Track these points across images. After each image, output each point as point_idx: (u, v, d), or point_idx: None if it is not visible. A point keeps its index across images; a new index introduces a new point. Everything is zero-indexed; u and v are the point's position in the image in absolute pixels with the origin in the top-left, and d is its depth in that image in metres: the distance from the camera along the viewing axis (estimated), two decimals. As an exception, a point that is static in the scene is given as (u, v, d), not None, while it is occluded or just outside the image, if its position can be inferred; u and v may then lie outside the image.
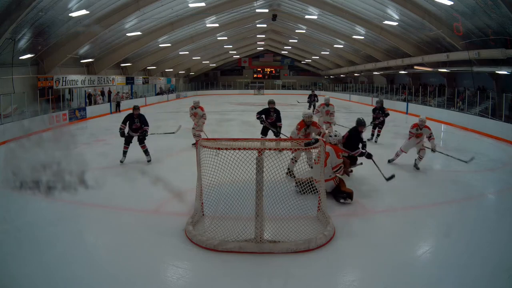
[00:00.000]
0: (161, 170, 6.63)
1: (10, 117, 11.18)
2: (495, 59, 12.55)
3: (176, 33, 20.12)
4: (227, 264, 3.40)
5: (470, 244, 3.83)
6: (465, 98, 14.87)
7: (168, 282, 3.14)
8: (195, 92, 38.42)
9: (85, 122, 15.41)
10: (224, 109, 20.51)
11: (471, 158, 6.64)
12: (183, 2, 15.83)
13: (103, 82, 20.46)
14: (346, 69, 30.04)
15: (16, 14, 10.10)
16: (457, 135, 11.68)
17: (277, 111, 8.15)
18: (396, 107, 19.78)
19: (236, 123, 14.02)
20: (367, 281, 3.20)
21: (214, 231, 3.84)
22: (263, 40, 32.89)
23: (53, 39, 13.66)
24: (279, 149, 4.29)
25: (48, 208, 4.57)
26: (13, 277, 3.15)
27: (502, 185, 6.13)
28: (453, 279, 3.15)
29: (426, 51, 17.14)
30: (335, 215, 4.29)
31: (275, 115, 8.06)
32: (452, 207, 4.97)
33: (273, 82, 42.24)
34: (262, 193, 3.68)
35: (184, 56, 26.93)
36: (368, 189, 5.51)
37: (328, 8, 17.11)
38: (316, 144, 4.15)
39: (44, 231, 4.08)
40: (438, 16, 13.36)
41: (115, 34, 16.69)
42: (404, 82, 22.88)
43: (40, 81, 14.59)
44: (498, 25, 11.35)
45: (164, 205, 4.30)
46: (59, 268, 3.28)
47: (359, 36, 20.22)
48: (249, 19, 23.16)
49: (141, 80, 26.43)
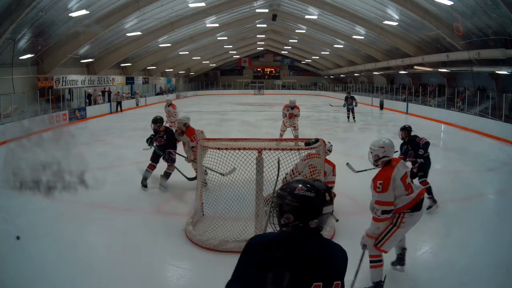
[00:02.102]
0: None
1: (10, 117, 11.18)
2: (495, 59, 12.54)
3: (176, 33, 20.11)
4: (227, 264, 3.38)
5: (470, 244, 3.83)
6: (465, 98, 14.88)
7: (168, 282, 3.14)
8: (195, 92, 38.44)
9: (85, 122, 15.41)
10: (224, 109, 20.52)
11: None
12: (183, 2, 15.83)
13: (103, 82, 20.46)
14: (346, 69, 30.04)
15: (16, 14, 10.10)
16: (457, 135, 11.69)
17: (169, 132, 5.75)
18: (396, 107, 19.80)
19: (236, 123, 14.03)
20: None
21: (214, 231, 3.84)
22: (263, 40, 32.89)
23: (53, 39, 13.66)
24: (279, 149, 4.29)
25: (48, 208, 4.57)
26: (13, 277, 3.15)
27: (502, 185, 6.13)
28: (453, 279, 3.15)
29: (426, 51, 17.14)
30: (335, 215, 4.27)
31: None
32: (452, 207, 4.96)
33: (273, 82, 42.25)
34: (262, 193, 3.68)
35: (184, 56, 26.93)
36: (368, 189, 5.49)
37: (328, 8, 17.10)
38: (316, 144, 4.15)
39: (44, 231, 4.08)
40: (438, 16, 13.36)
41: (115, 34, 16.69)
42: (404, 82, 22.88)
43: (40, 81, 14.59)
44: (498, 25, 11.35)
45: (164, 205, 4.30)
46: (59, 268, 3.28)
47: (359, 36, 20.22)
48: (249, 19, 23.16)
49: (141, 80, 26.44)
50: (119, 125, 14.14)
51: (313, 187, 1.18)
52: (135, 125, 13.51)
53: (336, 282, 1.14)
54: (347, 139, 8.99)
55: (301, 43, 29.24)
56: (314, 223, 1.17)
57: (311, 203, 1.16)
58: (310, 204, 1.16)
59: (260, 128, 12.61)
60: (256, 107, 22.20)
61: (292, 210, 1.16)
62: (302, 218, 1.16)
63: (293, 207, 1.16)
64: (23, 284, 3.08)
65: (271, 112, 18.75)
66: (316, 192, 1.17)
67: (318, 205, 1.17)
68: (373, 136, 10.12)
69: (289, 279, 1.06)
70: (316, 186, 1.19)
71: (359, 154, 8.24)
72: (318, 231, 1.18)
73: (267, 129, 12.28)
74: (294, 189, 1.18)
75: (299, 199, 1.16)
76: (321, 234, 1.20)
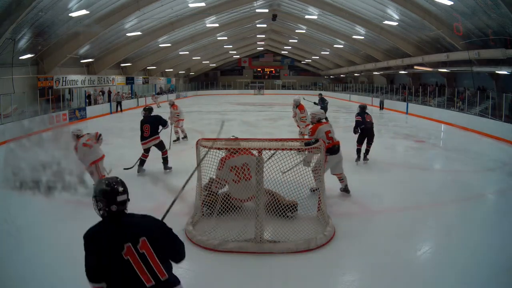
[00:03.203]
0: (161, 170, 6.62)
1: (10, 117, 11.17)
2: (495, 59, 12.55)
3: (176, 33, 20.12)
4: (227, 264, 3.40)
5: (470, 244, 3.83)
6: (465, 98, 14.88)
7: (168, 282, 3.14)
8: (195, 92, 38.45)
9: (85, 122, 15.40)
10: (224, 109, 20.52)
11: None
12: (183, 2, 15.83)
13: (103, 82, 20.46)
14: (346, 69, 30.05)
15: (16, 14, 10.10)
16: (457, 135, 11.69)
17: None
18: (396, 107, 19.80)
19: (236, 123, 14.02)
20: (367, 281, 3.20)
21: (214, 231, 3.84)
22: (263, 40, 32.91)
23: (53, 39, 13.67)
24: (279, 149, 4.28)
25: (48, 208, 4.56)
26: (13, 277, 3.15)
27: (502, 185, 6.13)
28: (453, 279, 3.15)
29: (426, 51, 17.14)
30: (335, 215, 4.28)
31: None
32: (452, 207, 4.96)
33: (273, 82, 42.26)
34: (262, 193, 3.68)
35: (184, 56, 26.93)
36: (368, 189, 5.51)
37: (328, 8, 17.11)
38: (316, 144, 4.15)
39: (44, 231, 4.08)
40: (438, 16, 13.36)
41: (115, 34, 16.69)
42: (404, 82, 22.89)
43: (40, 81, 14.59)
44: (498, 25, 11.35)
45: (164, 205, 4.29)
46: (59, 268, 3.28)
47: (359, 36, 20.22)
48: (249, 19, 23.17)
49: (141, 80, 26.44)
50: (119, 125, 14.13)
51: (109, 184, 1.74)
52: (135, 125, 13.47)
53: (141, 238, 1.69)
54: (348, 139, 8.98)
55: (301, 43, 29.24)
56: (114, 208, 1.71)
57: (107, 194, 1.71)
58: (106, 195, 1.71)
59: (260, 128, 12.62)
60: (256, 107, 22.20)
61: (101, 200, 1.71)
62: (105, 205, 1.71)
63: (100, 199, 1.72)
64: (23, 284, 3.08)
65: (271, 112, 18.75)
66: (111, 186, 1.73)
67: (113, 195, 1.71)
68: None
69: (106, 243, 1.67)
70: (111, 183, 1.75)
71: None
72: (120, 212, 1.74)
73: (267, 129, 12.29)
74: (99, 186, 1.75)
75: (100, 192, 1.72)
76: (124, 212, 1.76)
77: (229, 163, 4.18)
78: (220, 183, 4.22)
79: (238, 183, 4.12)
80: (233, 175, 4.13)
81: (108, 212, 1.72)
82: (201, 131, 11.15)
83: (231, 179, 4.16)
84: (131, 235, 1.69)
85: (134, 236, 1.69)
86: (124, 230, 1.71)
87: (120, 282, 1.66)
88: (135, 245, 1.67)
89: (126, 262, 1.65)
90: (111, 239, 1.67)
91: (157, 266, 1.70)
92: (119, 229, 1.71)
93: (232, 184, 4.18)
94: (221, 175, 4.17)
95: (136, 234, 1.70)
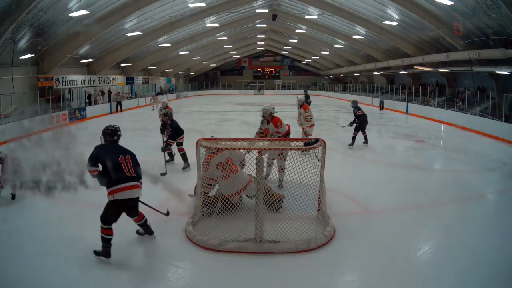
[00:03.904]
0: (161, 170, 6.62)
1: (10, 117, 11.17)
2: (495, 59, 12.54)
3: (176, 33, 20.11)
4: (227, 264, 3.40)
5: (470, 244, 3.83)
6: (465, 98, 14.87)
7: (168, 282, 3.14)
8: (195, 92, 38.45)
9: (85, 122, 15.40)
10: (224, 109, 20.52)
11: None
12: (183, 2, 15.83)
13: (103, 82, 20.45)
14: (346, 69, 30.04)
15: (16, 14, 10.09)
16: (457, 135, 11.69)
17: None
18: (396, 107, 19.81)
19: (236, 123, 14.03)
20: (367, 281, 3.20)
21: (214, 231, 3.85)
22: (263, 40, 32.90)
23: (53, 39, 13.66)
24: (279, 149, 4.29)
25: (48, 208, 4.57)
26: (13, 277, 3.15)
27: (502, 185, 6.13)
28: (453, 279, 3.15)
29: (426, 51, 17.14)
30: (335, 215, 4.28)
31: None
32: (452, 207, 4.96)
33: (273, 82, 42.26)
34: (262, 193, 3.68)
35: (184, 56, 26.93)
36: (368, 189, 5.51)
37: (328, 8, 17.10)
38: (316, 144, 4.15)
39: (44, 231, 4.09)
40: (438, 16, 13.36)
41: (115, 34, 16.68)
42: (404, 82, 22.88)
43: (40, 81, 14.59)
44: (498, 25, 11.35)
45: (164, 205, 4.30)
46: (59, 268, 3.29)
47: (359, 36, 20.22)
48: (249, 19, 23.16)
49: (141, 80, 26.43)
50: (119, 125, 14.09)
51: (113, 126, 3.65)
52: (135, 125, 13.51)
53: (127, 155, 3.50)
54: (347, 139, 8.99)
55: (301, 43, 29.24)
56: (115, 138, 3.59)
57: (109, 132, 3.58)
58: (108, 132, 3.58)
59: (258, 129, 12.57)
60: (256, 107, 22.16)
61: (108, 134, 3.58)
62: (110, 136, 3.57)
63: (107, 133, 3.58)
64: (23, 284, 3.08)
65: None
66: (114, 128, 3.63)
67: (114, 133, 3.58)
68: (373, 136, 10.14)
69: (110, 153, 3.44)
70: (110, 128, 3.61)
71: (359, 154, 8.27)
72: (116, 141, 3.59)
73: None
74: (108, 127, 3.62)
75: (105, 131, 3.60)
76: (117, 140, 3.58)
77: (214, 161, 4.25)
78: (209, 184, 4.27)
79: (227, 179, 4.17)
80: (220, 172, 4.20)
81: (109, 141, 3.55)
82: (201, 131, 11.15)
83: (220, 177, 4.21)
84: (122, 152, 3.51)
85: (124, 153, 3.51)
86: (119, 149, 3.54)
87: (114, 173, 3.34)
88: (124, 157, 3.47)
89: (119, 163, 3.41)
90: (114, 152, 3.46)
91: (131, 168, 3.47)
92: (117, 149, 3.54)
93: (221, 181, 4.22)
94: (210, 175, 4.24)
95: (126, 152, 3.54)
